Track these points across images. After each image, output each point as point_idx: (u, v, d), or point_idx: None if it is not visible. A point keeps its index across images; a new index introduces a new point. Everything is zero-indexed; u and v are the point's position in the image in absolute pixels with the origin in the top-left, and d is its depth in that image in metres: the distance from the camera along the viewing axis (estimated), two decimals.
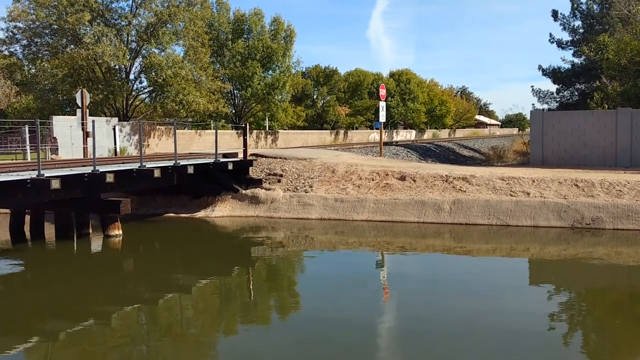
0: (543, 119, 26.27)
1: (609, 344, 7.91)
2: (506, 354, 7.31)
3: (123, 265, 13.28)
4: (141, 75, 32.13)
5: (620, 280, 11.45)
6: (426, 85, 77.22)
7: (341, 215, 17.55)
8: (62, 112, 29.80)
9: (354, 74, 63.76)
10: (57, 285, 11.09)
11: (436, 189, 17.82)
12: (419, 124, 71.67)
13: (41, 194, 13.13)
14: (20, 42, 29.35)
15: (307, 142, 45.65)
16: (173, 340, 8.09)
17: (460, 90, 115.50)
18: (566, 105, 39.53)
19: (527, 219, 16.00)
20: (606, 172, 20.11)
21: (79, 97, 21.99)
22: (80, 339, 8.11)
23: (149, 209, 19.26)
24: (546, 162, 25.53)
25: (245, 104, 42.56)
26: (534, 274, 12.04)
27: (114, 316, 9.11)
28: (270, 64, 41.14)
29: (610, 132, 24.80)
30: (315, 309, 9.33)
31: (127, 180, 15.76)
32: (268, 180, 19.82)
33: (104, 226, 15.07)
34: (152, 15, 29.89)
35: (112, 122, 27.39)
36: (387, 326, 8.56)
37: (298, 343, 7.82)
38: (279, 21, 41.66)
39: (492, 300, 9.79)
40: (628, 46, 28.29)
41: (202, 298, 10.47)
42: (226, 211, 18.68)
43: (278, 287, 11.38)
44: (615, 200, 15.89)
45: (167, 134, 31.62)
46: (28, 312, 9.37)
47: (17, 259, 13.55)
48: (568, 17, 40.62)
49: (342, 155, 24.24)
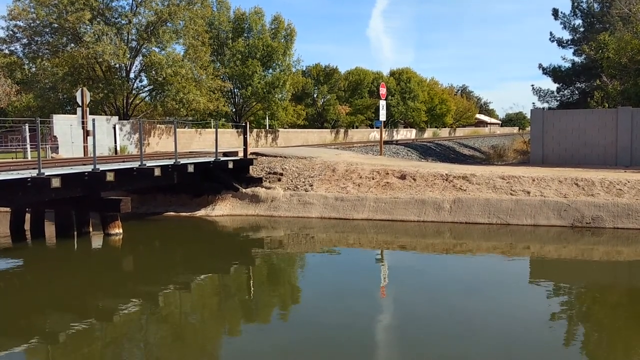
0: (543, 117, 26.26)
1: (608, 343, 7.92)
2: (506, 353, 7.31)
3: (123, 264, 13.30)
4: (141, 73, 32.19)
5: (620, 279, 11.46)
6: (426, 84, 77.18)
7: (341, 214, 17.55)
8: (62, 110, 29.81)
9: (354, 72, 63.74)
10: (57, 284, 11.10)
11: (436, 188, 17.82)
12: (419, 122, 71.65)
13: (41, 192, 13.13)
14: (21, 41, 29.39)
15: (308, 141, 45.66)
16: (173, 339, 8.10)
17: (460, 89, 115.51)
18: (567, 104, 39.54)
19: (527, 217, 16.00)
20: (606, 171, 20.11)
21: (79, 95, 21.99)
22: (81, 337, 8.12)
23: (149, 208, 19.26)
24: (546, 161, 25.52)
25: (246, 103, 42.57)
26: (534, 272, 12.04)
27: (114, 314, 9.12)
28: (270, 63, 41.14)
29: (610, 131, 24.79)
30: (315, 308, 9.33)
31: (128, 179, 15.77)
32: (268, 179, 19.82)
33: (104, 225, 15.08)
34: (152, 14, 29.90)
35: (112, 120, 27.39)
36: (387, 325, 8.57)
37: (298, 342, 7.82)
38: (279, 20, 41.66)
39: (492, 299, 9.80)
40: (628, 45, 28.29)
41: (202, 297, 10.48)
42: (226, 210, 18.69)
43: (278, 286, 11.38)
44: (615, 199, 15.89)
45: (167, 132, 31.63)
46: (28, 311, 9.38)
47: (18, 258, 13.57)
48: (568, 16, 40.63)
49: (343, 154, 24.24)
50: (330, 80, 58.97)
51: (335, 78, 59.63)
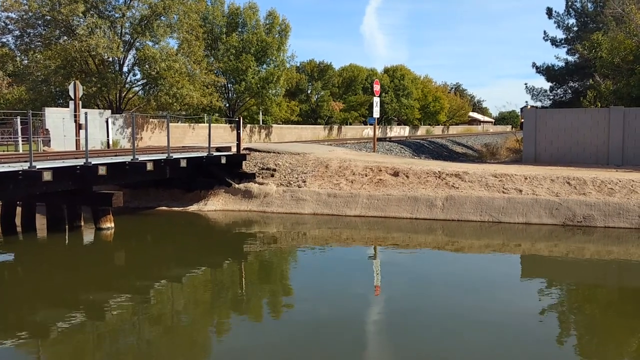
0: (536, 116, 26.34)
1: (598, 340, 7.97)
2: (497, 349, 7.35)
3: (114, 258, 13.24)
4: (135, 67, 32.00)
5: (610, 277, 11.53)
6: (420, 81, 77.26)
7: (334, 211, 17.56)
8: (54, 103, 29.61)
9: (348, 69, 63.68)
10: (48, 278, 11.04)
11: (429, 185, 17.86)
12: (413, 120, 71.73)
13: (33, 185, 13.06)
14: (13, 33, 29.13)
15: (301, 137, 45.61)
16: (164, 334, 8.09)
17: (454, 87, 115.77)
18: (559, 103, 39.69)
19: (519, 216, 16.07)
20: (598, 170, 20.22)
21: (72, 88, 21.85)
22: (71, 331, 8.08)
23: (142, 202, 19.20)
24: (539, 160, 25.62)
25: (239, 98, 42.43)
26: (525, 270, 12.11)
27: (105, 309, 9.09)
28: (264, 58, 41.02)
29: (602, 131, 24.90)
30: (307, 304, 9.34)
31: (120, 173, 15.70)
32: (261, 175, 19.79)
33: (95, 219, 15.02)
34: (146, 8, 29.70)
35: (105, 114, 27.24)
36: (379, 322, 8.59)
37: (290, 338, 7.83)
38: (274, 15, 41.50)
39: (483, 296, 9.84)
40: (621, 45, 28.43)
41: (193, 292, 10.46)
42: (219, 205, 18.65)
43: (270, 282, 11.38)
44: (606, 198, 15.99)
45: (160, 127, 31.49)
46: (18, 305, 9.33)
47: (8, 251, 13.49)
48: (562, 15, 40.76)
49: (336, 151, 24.24)
50: (324, 77, 58.88)
51: (329, 74, 59.54)
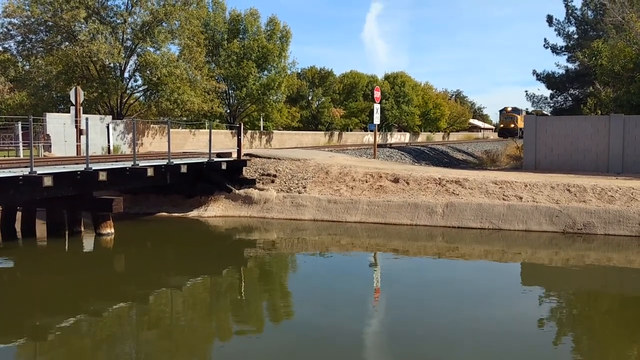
0: (536, 123, 26.36)
1: (598, 348, 7.95)
2: (497, 357, 7.34)
3: (114, 264, 13.24)
4: (136, 73, 32.10)
5: (610, 285, 11.52)
6: (421, 88, 77.43)
7: (334, 217, 17.55)
8: (55, 109, 29.66)
9: (349, 75, 63.84)
10: (48, 283, 11.04)
11: (429, 192, 17.87)
12: (413, 126, 71.83)
13: (33, 191, 13.07)
14: (15, 38, 29.23)
15: (302, 143, 45.64)
16: (163, 340, 8.07)
17: (454, 93, 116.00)
18: (560, 110, 39.73)
19: (519, 223, 16.06)
20: (598, 177, 20.21)
21: (73, 94, 21.88)
22: (70, 337, 8.08)
23: (142, 208, 19.19)
24: (539, 167, 25.62)
25: (240, 104, 42.51)
26: (525, 278, 12.09)
27: (104, 315, 9.08)
28: (265, 65, 41.12)
29: (602, 138, 24.90)
30: (307, 311, 9.33)
31: (120, 178, 15.71)
32: (262, 181, 19.80)
33: (96, 224, 15.01)
34: (147, 14, 29.83)
35: (106, 120, 27.29)
36: (378, 329, 8.57)
37: (289, 345, 7.82)
38: (275, 21, 41.65)
39: (483, 304, 9.82)
40: (621, 53, 28.47)
41: (193, 299, 10.45)
42: (219, 211, 18.65)
43: (269, 288, 11.37)
44: (606, 205, 15.98)
45: (161, 132, 31.53)
46: (17, 310, 9.32)
47: (8, 257, 13.48)
48: (563, 23, 40.85)
49: (336, 157, 24.25)
50: (325, 83, 59.04)
51: (330, 81, 59.70)
